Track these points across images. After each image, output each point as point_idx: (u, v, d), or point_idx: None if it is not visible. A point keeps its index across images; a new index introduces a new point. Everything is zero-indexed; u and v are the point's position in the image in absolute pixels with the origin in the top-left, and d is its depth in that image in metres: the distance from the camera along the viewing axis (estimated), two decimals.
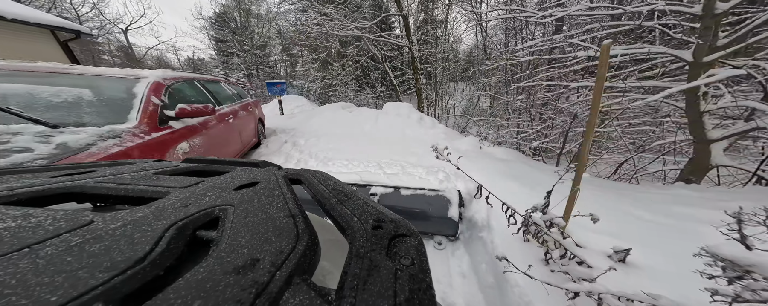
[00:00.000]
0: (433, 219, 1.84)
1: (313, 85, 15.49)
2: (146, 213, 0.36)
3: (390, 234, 0.34)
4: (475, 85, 15.35)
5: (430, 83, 15.78)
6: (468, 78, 20.05)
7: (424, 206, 1.87)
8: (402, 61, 16.58)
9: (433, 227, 1.88)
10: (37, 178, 0.51)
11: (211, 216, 0.38)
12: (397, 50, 16.40)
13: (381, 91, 16.55)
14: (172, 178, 0.55)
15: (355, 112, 7.22)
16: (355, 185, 2.16)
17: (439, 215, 1.83)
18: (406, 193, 1.99)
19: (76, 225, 0.31)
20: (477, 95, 11.90)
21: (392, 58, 14.13)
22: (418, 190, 2.00)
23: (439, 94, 14.07)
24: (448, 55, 14.55)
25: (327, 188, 0.53)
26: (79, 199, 0.46)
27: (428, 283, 0.26)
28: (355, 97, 14.85)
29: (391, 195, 1.98)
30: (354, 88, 15.41)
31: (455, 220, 1.82)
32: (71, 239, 0.28)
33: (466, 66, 18.17)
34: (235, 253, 0.28)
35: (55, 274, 0.23)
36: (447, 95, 16.00)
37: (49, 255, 0.25)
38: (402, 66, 16.64)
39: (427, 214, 1.84)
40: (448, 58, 14.48)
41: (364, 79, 16.26)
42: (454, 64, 15.37)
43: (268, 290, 0.23)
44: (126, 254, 0.26)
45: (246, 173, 0.62)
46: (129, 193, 0.46)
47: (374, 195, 1.98)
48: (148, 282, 0.25)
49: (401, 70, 16.30)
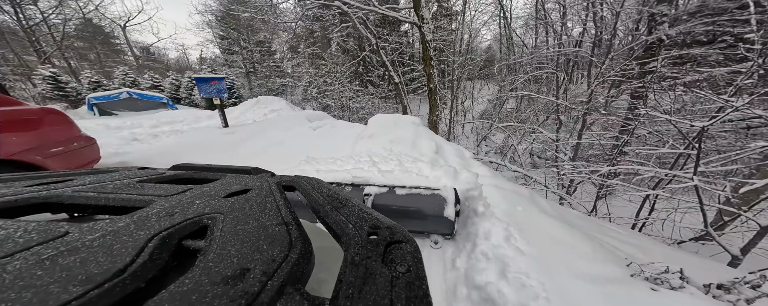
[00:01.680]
0: (430, 218, 1.82)
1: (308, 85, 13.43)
2: (128, 223, 0.35)
3: (386, 241, 0.34)
4: (497, 83, 12.93)
5: (443, 81, 13.41)
6: (487, 76, 17.61)
7: (420, 206, 1.84)
8: (411, 53, 14.29)
9: (430, 227, 1.89)
10: (9, 187, 0.49)
11: (199, 225, 0.37)
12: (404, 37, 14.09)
13: (389, 90, 14.13)
14: (158, 187, 0.54)
15: (323, 129, 4.97)
16: (347, 185, 2.03)
17: (435, 214, 1.80)
18: (402, 192, 1.92)
19: (50, 237, 0.30)
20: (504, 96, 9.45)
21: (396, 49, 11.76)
22: (413, 188, 1.93)
23: (456, 93, 11.69)
24: (468, 47, 12.11)
25: (321, 195, 0.54)
26: (54, 210, 0.45)
27: (425, 291, 0.26)
28: (354, 97, 12.64)
29: (386, 195, 1.92)
30: (354, 88, 13.19)
31: (451, 219, 1.78)
32: (43, 252, 0.27)
33: (484, 63, 15.83)
34: (223, 262, 0.27)
35: (23, 289, 0.21)
36: (464, 95, 13.59)
37: (18, 269, 0.24)
38: (411, 61, 14.34)
39: (424, 213, 1.82)
40: (468, 51, 12.05)
41: (366, 75, 14.04)
42: (473, 60, 12.91)
43: (258, 300, 0.22)
44: (104, 266, 0.25)
45: (237, 180, 0.62)
46: (109, 203, 0.45)
47: (368, 195, 1.89)
48: (127, 295, 0.23)
49: (409, 66, 13.96)
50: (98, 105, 12.00)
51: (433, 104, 6.34)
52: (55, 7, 18.46)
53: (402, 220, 1.71)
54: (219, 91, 5.74)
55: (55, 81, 14.35)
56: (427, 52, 5.83)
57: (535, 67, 9.11)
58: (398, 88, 6.64)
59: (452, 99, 10.99)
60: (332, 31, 10.90)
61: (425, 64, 6.11)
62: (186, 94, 18.59)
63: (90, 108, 11.96)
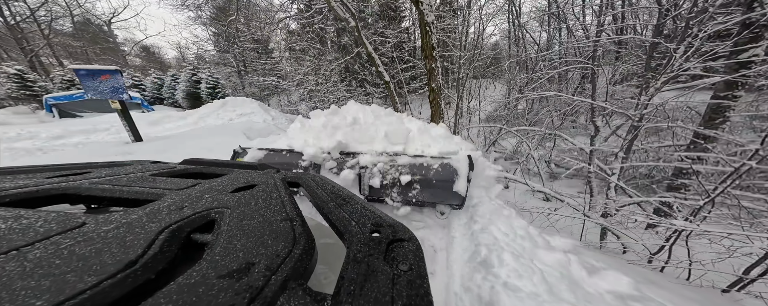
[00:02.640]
0: (438, 189, 1.63)
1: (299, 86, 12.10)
2: (140, 215, 0.37)
3: (388, 238, 0.35)
4: (506, 82, 11.54)
5: (448, 80, 12.02)
6: (493, 74, 16.26)
7: (427, 176, 1.64)
8: (411, 48, 12.91)
9: (438, 198, 1.69)
10: (31, 178, 0.52)
11: (207, 219, 0.39)
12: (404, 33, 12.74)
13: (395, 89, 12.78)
14: (169, 180, 0.57)
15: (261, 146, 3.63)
16: (341, 154, 1.83)
17: (444, 186, 1.61)
18: (404, 161, 1.71)
19: (68, 227, 0.31)
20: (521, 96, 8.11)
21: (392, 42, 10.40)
22: (418, 157, 1.73)
23: (461, 93, 10.33)
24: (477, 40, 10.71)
25: (325, 192, 0.55)
26: (72, 201, 0.48)
27: (426, 290, 0.26)
28: (346, 98, 11.30)
29: (385, 166, 1.72)
30: (346, 87, 11.84)
31: (462, 194, 1.61)
32: (61, 242, 0.28)
33: (491, 61, 14.46)
34: (229, 256, 0.28)
35: (42, 277, 0.22)
36: (469, 95, 12.19)
37: (38, 258, 0.25)
38: (411, 57, 12.97)
39: (431, 184, 1.62)
40: (475, 46, 10.66)
41: (361, 73, 12.68)
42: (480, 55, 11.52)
43: (262, 295, 0.22)
44: (117, 257, 0.26)
45: (244, 176, 0.65)
46: (123, 195, 0.47)
47: (365, 168, 1.70)
48: (138, 286, 0.24)
49: (409, 63, 12.59)
50: (58, 105, 10.71)
51: (435, 109, 4.88)
52: (43, 2, 17.53)
53: (406, 190, 1.58)
54: (115, 90, 3.96)
55: (21, 79, 13.13)
56: (428, 40, 4.45)
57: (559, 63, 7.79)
58: (389, 87, 5.23)
59: (457, 100, 9.62)
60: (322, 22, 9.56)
61: (426, 57, 4.74)
62: (168, 93, 17.40)
63: (48, 109, 10.68)
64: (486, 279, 1.28)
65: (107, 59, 23.39)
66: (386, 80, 5.21)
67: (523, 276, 1.24)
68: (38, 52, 17.26)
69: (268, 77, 15.64)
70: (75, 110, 10.64)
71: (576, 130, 10.08)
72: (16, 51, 17.74)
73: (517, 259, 1.38)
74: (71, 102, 10.56)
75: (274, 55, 21.56)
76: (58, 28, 19.95)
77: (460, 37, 9.82)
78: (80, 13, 20.15)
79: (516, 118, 10.28)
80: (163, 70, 21.11)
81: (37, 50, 17.09)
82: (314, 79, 10.66)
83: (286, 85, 13.27)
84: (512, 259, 1.37)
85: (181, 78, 15.83)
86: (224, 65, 20.64)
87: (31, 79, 13.18)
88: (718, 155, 2.62)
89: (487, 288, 1.22)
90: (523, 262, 1.35)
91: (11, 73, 12.82)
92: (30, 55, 16.67)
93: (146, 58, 25.21)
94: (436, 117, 4.88)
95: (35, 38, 17.88)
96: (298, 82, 11.45)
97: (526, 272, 1.27)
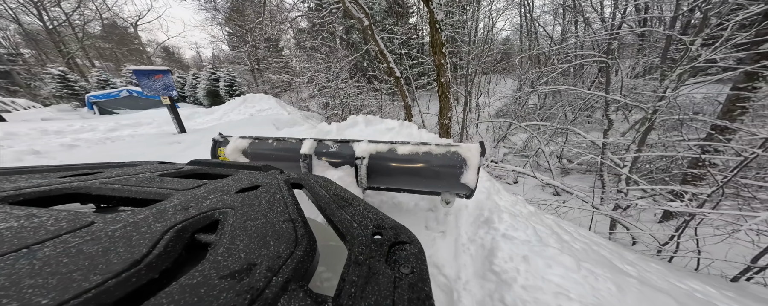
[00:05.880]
0: (444, 181, 1.52)
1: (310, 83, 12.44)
2: (147, 215, 0.37)
3: (390, 241, 0.34)
4: (517, 77, 11.33)
5: (456, 76, 11.96)
6: (504, 69, 15.95)
7: (431, 163, 1.54)
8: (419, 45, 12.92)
9: (445, 187, 1.58)
10: (45, 177, 0.53)
11: (211, 219, 0.39)
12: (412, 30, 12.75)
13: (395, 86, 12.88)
14: (176, 181, 0.57)
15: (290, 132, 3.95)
16: (336, 141, 1.67)
17: (451, 176, 1.50)
18: (404, 150, 1.58)
19: (77, 226, 0.32)
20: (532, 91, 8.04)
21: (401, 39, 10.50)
22: (422, 145, 1.60)
23: (470, 88, 10.28)
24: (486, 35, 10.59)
25: (328, 193, 0.55)
26: (83, 200, 0.49)
27: (427, 293, 0.25)
28: (356, 94, 11.48)
29: (383, 156, 1.59)
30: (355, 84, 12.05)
31: (472, 186, 1.50)
32: (70, 240, 0.28)
33: (501, 56, 14.20)
34: (232, 257, 0.28)
35: (50, 275, 0.23)
36: (478, 91, 12.08)
37: (47, 256, 0.25)
38: (419, 53, 12.98)
39: (436, 173, 1.51)
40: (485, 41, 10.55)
41: (370, 70, 12.85)
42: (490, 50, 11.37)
43: (263, 296, 0.22)
44: (122, 256, 0.26)
45: (248, 177, 0.66)
46: (132, 195, 0.48)
47: (360, 158, 1.55)
48: (142, 285, 0.24)
49: (417, 59, 12.61)
50: (98, 103, 11.70)
51: (444, 103, 5.04)
52: (76, 7, 18.95)
53: (407, 177, 1.51)
54: (166, 88, 4.63)
55: (63, 79, 14.28)
56: (437, 37, 4.58)
57: (573, 57, 7.62)
58: (399, 82, 5.40)
59: (466, 95, 9.60)
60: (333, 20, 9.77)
61: (435, 53, 4.86)
62: (190, 91, 18.30)
63: (90, 107, 11.68)
64: (488, 233, 1.54)
65: (133, 60, 24.84)
66: (397, 76, 5.40)
67: (519, 229, 1.48)
68: (73, 54, 18.67)
69: (281, 75, 16.12)
70: (112, 107, 11.56)
71: (591, 126, 9.81)
72: (53, 53, 19.28)
73: (514, 217, 1.61)
74: (109, 100, 11.50)
75: (283, 53, 22.13)
76: (90, 31, 21.39)
77: (469, 32, 9.74)
78: (109, 16, 21.46)
79: (527, 114, 10.13)
80: (183, 69, 22.23)
81: (74, 52, 18.48)
82: (325, 76, 10.95)
83: (298, 81, 13.65)
84: (510, 217, 1.60)
85: (202, 77, 16.63)
86: (238, 64, 21.41)
87: (73, 79, 14.30)
88: (726, 144, 2.63)
89: (489, 239, 1.46)
90: (519, 220, 1.58)
91: (55, 74, 13.96)
92: (67, 56, 18.09)
93: (166, 58, 26.49)
94: (444, 111, 5.03)
95: (70, 41, 19.32)
96: (309, 79, 11.79)
97: (521, 226, 1.51)
